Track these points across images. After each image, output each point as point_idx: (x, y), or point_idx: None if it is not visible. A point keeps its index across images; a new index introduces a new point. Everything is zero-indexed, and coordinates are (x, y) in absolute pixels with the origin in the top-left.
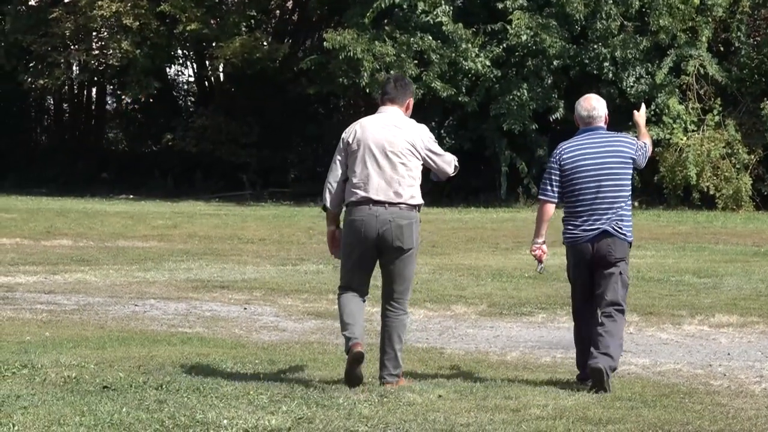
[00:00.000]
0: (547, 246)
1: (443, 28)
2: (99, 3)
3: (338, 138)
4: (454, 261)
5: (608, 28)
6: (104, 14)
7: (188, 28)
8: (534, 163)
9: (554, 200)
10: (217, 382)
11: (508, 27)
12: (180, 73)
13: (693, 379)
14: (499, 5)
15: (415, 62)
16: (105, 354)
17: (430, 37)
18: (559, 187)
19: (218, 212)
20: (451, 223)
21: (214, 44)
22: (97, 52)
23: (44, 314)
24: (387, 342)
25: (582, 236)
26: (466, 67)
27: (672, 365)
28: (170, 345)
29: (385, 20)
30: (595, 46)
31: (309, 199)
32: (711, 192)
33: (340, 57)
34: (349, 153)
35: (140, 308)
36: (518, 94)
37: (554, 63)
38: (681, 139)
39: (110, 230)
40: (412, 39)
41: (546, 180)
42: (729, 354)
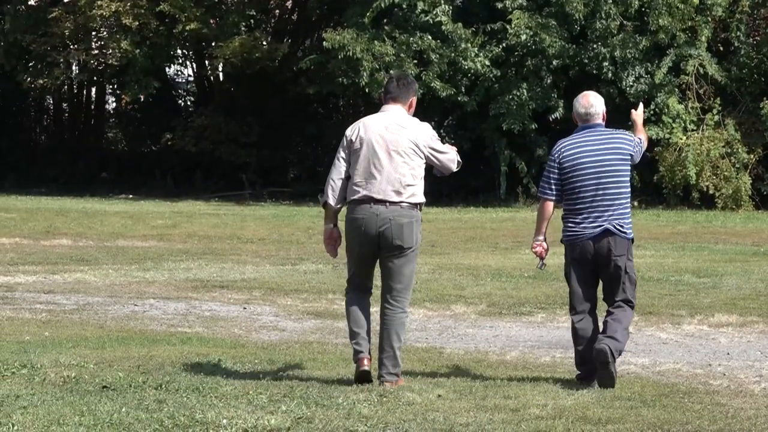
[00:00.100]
0: (548, 244)
1: (443, 28)
2: (98, 3)
3: (338, 137)
4: (454, 261)
5: (608, 28)
6: (103, 14)
7: (188, 28)
8: (533, 163)
9: (554, 198)
10: (217, 382)
11: (508, 27)
12: (179, 73)
13: (692, 379)
14: (499, 5)
15: (415, 62)
16: (104, 354)
17: (430, 37)
18: (559, 185)
19: (218, 212)
20: (451, 223)
21: (214, 44)
22: (97, 52)
23: (44, 314)
24: (386, 340)
25: (583, 234)
26: (466, 67)
27: (671, 365)
28: (170, 345)
29: (385, 20)
30: (595, 46)
31: (308, 199)
32: (710, 191)
33: (340, 57)
34: (352, 151)
35: (140, 308)
36: (518, 94)
37: (554, 63)
38: (680, 139)
39: (110, 230)
40: (412, 39)
41: (545, 178)
42: (728, 354)
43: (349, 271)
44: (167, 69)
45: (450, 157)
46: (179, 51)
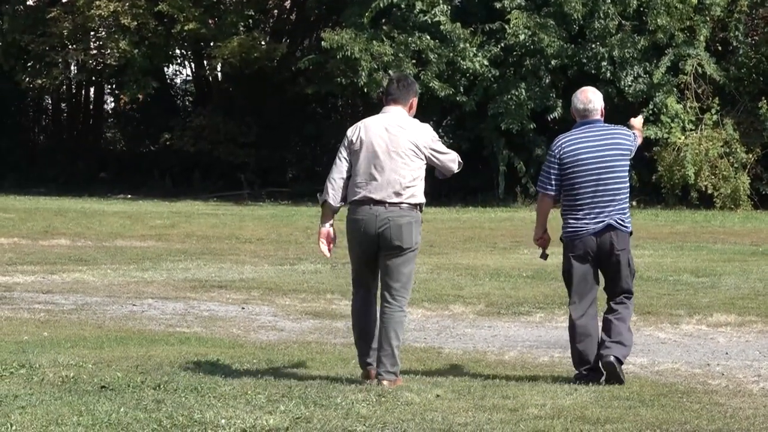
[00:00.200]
0: (549, 235)
1: (441, 28)
2: (97, 3)
3: (337, 137)
4: (452, 260)
5: (606, 28)
6: (102, 14)
7: (186, 28)
8: (532, 163)
9: (554, 193)
10: (215, 382)
11: (506, 26)
12: (178, 73)
13: (691, 379)
14: (497, 5)
15: (413, 62)
16: (103, 354)
17: (428, 37)
18: (559, 181)
19: (216, 212)
20: (449, 223)
21: (212, 44)
22: (95, 52)
23: (42, 314)
24: (384, 338)
25: (585, 229)
26: (464, 67)
27: (670, 364)
28: (168, 345)
29: (383, 20)
30: (593, 46)
31: (307, 199)
32: (709, 191)
33: (338, 56)
34: (352, 152)
35: (138, 308)
36: (516, 94)
37: (552, 62)
38: (679, 139)
39: (108, 230)
40: (410, 38)
41: (545, 173)
42: (727, 353)
43: (353, 272)
44: (166, 69)
45: (451, 158)
46: (178, 51)
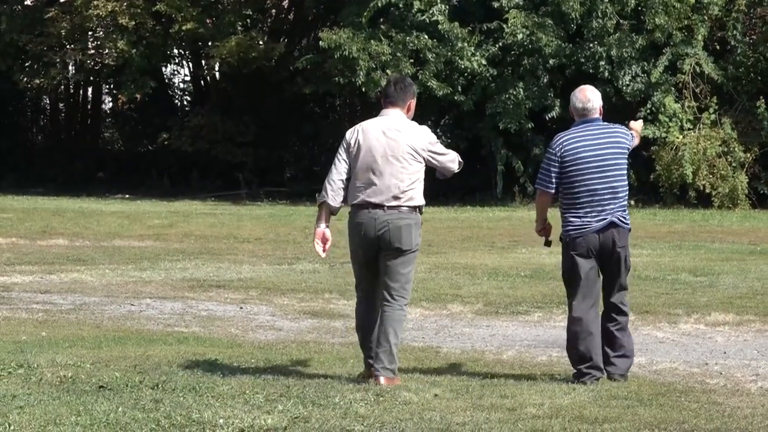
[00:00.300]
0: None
1: (439, 27)
2: (95, 2)
3: (334, 137)
4: (450, 260)
5: (604, 27)
6: (100, 14)
7: (184, 28)
8: (530, 162)
9: (553, 191)
10: (213, 382)
11: (504, 26)
12: (176, 73)
13: (689, 378)
14: (495, 4)
15: (411, 61)
16: (101, 353)
17: (426, 36)
18: (558, 179)
19: (214, 211)
20: (447, 222)
21: (210, 43)
22: (93, 52)
23: (40, 314)
24: (382, 335)
25: (588, 227)
26: (462, 66)
27: (668, 364)
28: (166, 344)
29: (381, 19)
30: (591, 45)
31: (305, 199)
32: (707, 190)
33: (336, 56)
34: (351, 155)
35: (136, 308)
36: (514, 93)
37: (550, 62)
38: (677, 138)
39: (106, 230)
40: (408, 38)
41: (545, 171)
42: (725, 352)
43: (355, 276)
44: (164, 69)
45: (450, 158)
46: (176, 51)
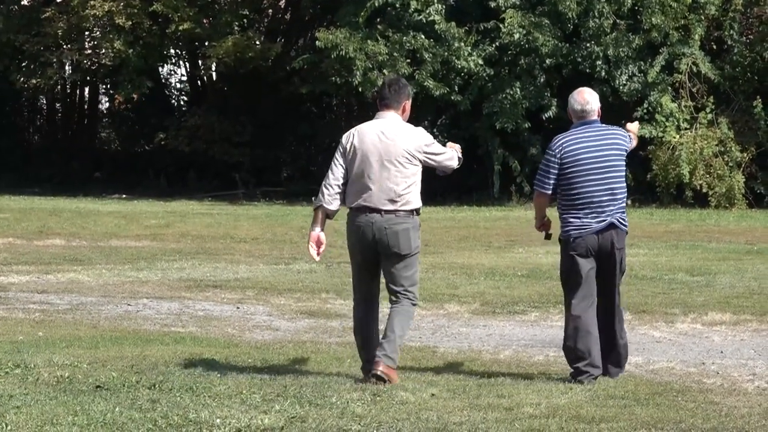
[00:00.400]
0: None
1: (436, 27)
2: (91, 2)
3: (331, 137)
4: (447, 260)
5: (601, 27)
6: (96, 14)
7: (181, 28)
8: (527, 162)
9: (551, 192)
10: (210, 382)
11: (501, 25)
12: (172, 73)
13: (686, 377)
14: (492, 4)
15: (408, 61)
16: (98, 353)
17: (423, 36)
18: (556, 180)
19: (211, 211)
20: (444, 222)
21: (207, 44)
22: (90, 52)
23: (37, 314)
24: (389, 326)
25: (588, 229)
26: (459, 66)
27: (665, 363)
28: (163, 344)
29: (378, 19)
30: (588, 45)
31: (302, 198)
32: (704, 190)
33: (333, 56)
34: (347, 159)
35: (133, 308)
36: (511, 93)
37: (547, 61)
38: (674, 137)
39: (103, 230)
40: (405, 38)
41: (544, 172)
42: (722, 352)
43: (354, 279)
44: (160, 69)
45: (448, 157)
46: (172, 51)
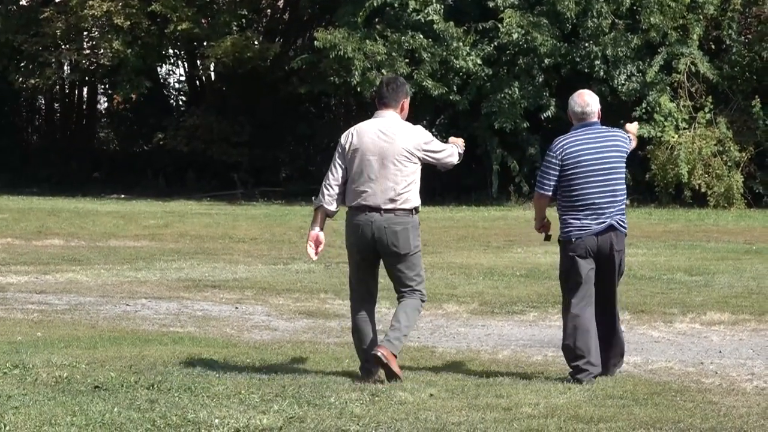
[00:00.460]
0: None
1: (434, 27)
2: (90, 3)
3: (330, 137)
4: (446, 259)
5: (599, 26)
6: (95, 14)
7: (179, 28)
8: (525, 162)
9: (551, 194)
10: (209, 382)
11: (500, 25)
12: (171, 73)
13: (684, 377)
14: (490, 3)
15: (406, 61)
16: (96, 354)
17: (421, 36)
18: (557, 182)
19: (210, 211)
20: (443, 222)
21: (205, 43)
22: (88, 52)
23: (35, 314)
24: (394, 318)
25: (587, 230)
26: (458, 66)
27: (663, 363)
28: (162, 344)
29: (376, 19)
30: (586, 44)
31: (300, 198)
32: (702, 190)
33: (331, 56)
34: (346, 159)
35: (131, 308)
36: (509, 93)
37: (545, 61)
38: (672, 137)
39: (101, 230)
40: (403, 38)
41: (545, 174)
42: (720, 352)
43: (351, 278)
44: (159, 69)
45: (448, 153)
46: (171, 51)
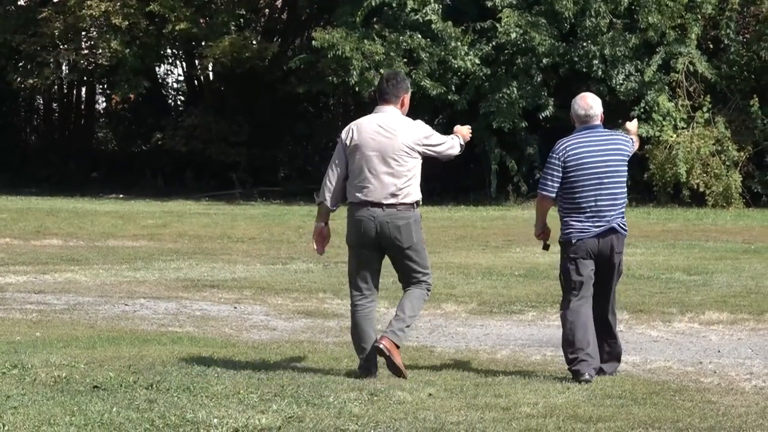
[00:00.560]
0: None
1: (432, 27)
2: (88, 2)
3: (328, 136)
4: (444, 259)
5: (597, 26)
6: (93, 14)
7: (177, 28)
8: (524, 161)
9: (554, 196)
10: (208, 381)
11: (498, 25)
12: (169, 73)
13: (683, 377)
14: (488, 3)
15: (405, 61)
16: (95, 354)
17: (420, 36)
18: (560, 184)
19: (208, 211)
20: (441, 222)
21: (204, 43)
22: (87, 52)
23: (34, 314)
24: (400, 307)
25: (588, 232)
26: (456, 66)
27: (662, 363)
28: (160, 344)
29: (375, 19)
30: (585, 44)
31: (299, 198)
32: (701, 189)
33: (329, 56)
34: (347, 154)
35: (130, 308)
36: (508, 92)
37: (543, 61)
38: (671, 137)
39: (100, 230)
40: (402, 37)
41: (548, 175)
42: (719, 351)
43: (351, 275)
44: (157, 69)
45: (448, 146)
46: (169, 51)
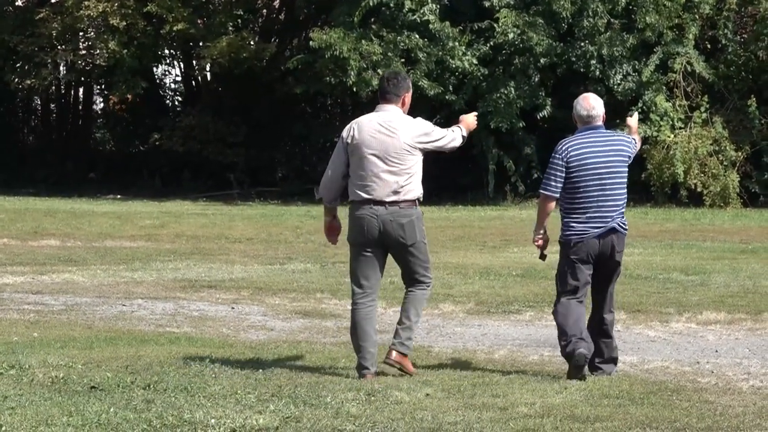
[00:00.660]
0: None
1: (430, 27)
2: (86, 3)
3: (326, 136)
4: (442, 259)
5: (595, 26)
6: (91, 14)
7: (175, 28)
8: (521, 161)
9: (557, 196)
10: (205, 382)
11: (495, 25)
12: (167, 73)
13: (680, 377)
14: (486, 3)
15: (402, 61)
16: (92, 354)
17: (417, 36)
18: (562, 184)
19: (206, 212)
20: (439, 222)
21: (201, 44)
22: (84, 52)
23: (32, 315)
24: (403, 313)
25: (589, 232)
26: (453, 66)
27: (659, 363)
28: (158, 345)
29: (372, 19)
30: (582, 44)
31: (296, 198)
32: (698, 189)
33: (327, 56)
34: (348, 153)
35: (128, 308)
36: (505, 92)
37: (541, 61)
38: (668, 137)
39: (98, 230)
40: (399, 37)
41: (551, 176)
42: (716, 351)
43: (352, 274)
44: (155, 69)
45: (449, 139)
46: (167, 51)
